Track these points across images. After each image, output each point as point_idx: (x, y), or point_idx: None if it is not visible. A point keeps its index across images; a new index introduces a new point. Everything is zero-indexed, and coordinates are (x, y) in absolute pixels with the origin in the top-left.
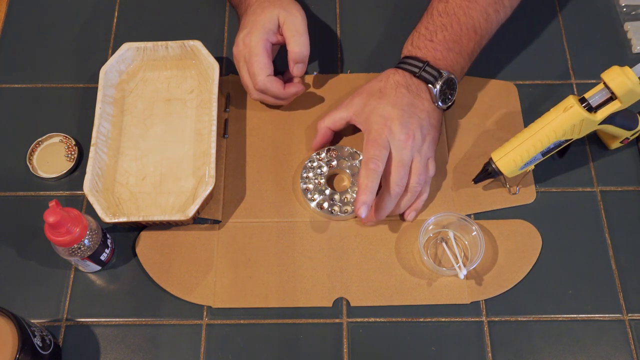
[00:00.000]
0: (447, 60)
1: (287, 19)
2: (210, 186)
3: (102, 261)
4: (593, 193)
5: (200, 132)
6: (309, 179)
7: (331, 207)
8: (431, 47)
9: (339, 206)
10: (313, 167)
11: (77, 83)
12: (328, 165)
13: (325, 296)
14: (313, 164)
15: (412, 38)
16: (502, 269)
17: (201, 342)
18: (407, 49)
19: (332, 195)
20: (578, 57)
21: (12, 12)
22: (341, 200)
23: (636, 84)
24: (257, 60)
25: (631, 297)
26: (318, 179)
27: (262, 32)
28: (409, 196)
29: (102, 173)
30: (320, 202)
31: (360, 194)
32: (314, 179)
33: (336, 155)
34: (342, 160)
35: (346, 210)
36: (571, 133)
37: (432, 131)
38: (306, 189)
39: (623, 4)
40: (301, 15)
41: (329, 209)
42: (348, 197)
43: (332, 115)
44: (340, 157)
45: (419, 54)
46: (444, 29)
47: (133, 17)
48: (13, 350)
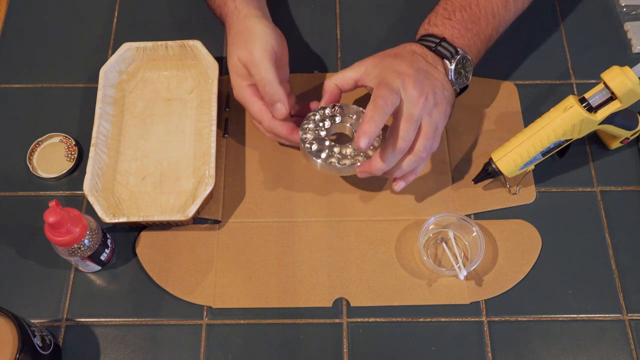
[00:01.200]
0: (464, 39)
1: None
2: (210, 186)
3: (102, 261)
4: (593, 193)
5: (200, 132)
6: (309, 130)
7: (328, 158)
8: (449, 25)
9: (337, 158)
10: (315, 120)
11: (77, 83)
12: (331, 120)
13: (325, 296)
14: (315, 117)
15: (429, 18)
16: (502, 269)
17: (201, 342)
18: (423, 28)
19: (332, 147)
20: (578, 57)
21: (12, 12)
22: (340, 153)
23: (636, 84)
24: (263, 67)
25: (631, 297)
26: (319, 130)
27: (263, 42)
28: (411, 158)
29: (102, 173)
30: (317, 152)
31: (364, 123)
32: (314, 130)
33: (341, 112)
34: (347, 117)
35: (345, 163)
36: (571, 133)
37: (444, 103)
38: (305, 139)
39: (623, 4)
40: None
41: (327, 159)
42: (348, 151)
43: (341, 74)
44: (346, 114)
45: (436, 31)
46: (463, 9)
47: (133, 17)
48: (13, 350)
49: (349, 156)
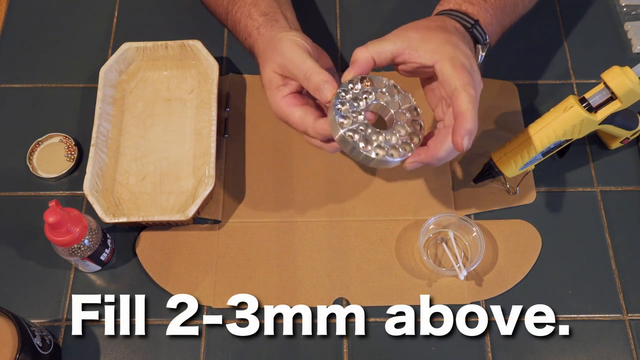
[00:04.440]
0: (492, 27)
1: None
2: (210, 186)
3: (102, 261)
4: (593, 193)
5: (200, 132)
6: (345, 113)
7: (377, 151)
8: (483, 7)
9: (385, 149)
10: (347, 100)
11: (77, 83)
12: (366, 99)
13: (325, 296)
14: (347, 95)
15: None
16: (502, 269)
17: (201, 342)
18: (455, 1)
19: (378, 136)
20: (578, 57)
21: (12, 12)
22: (388, 142)
23: (636, 84)
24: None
25: (631, 297)
26: (356, 114)
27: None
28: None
29: (102, 173)
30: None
31: (467, 120)
32: (351, 113)
33: (372, 86)
34: (379, 93)
35: (392, 154)
36: (571, 133)
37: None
38: (343, 126)
39: (623, 4)
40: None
41: (376, 152)
42: (393, 139)
43: (378, 44)
44: (377, 89)
45: (471, 11)
46: None
47: (133, 17)
48: (13, 350)
49: (396, 145)
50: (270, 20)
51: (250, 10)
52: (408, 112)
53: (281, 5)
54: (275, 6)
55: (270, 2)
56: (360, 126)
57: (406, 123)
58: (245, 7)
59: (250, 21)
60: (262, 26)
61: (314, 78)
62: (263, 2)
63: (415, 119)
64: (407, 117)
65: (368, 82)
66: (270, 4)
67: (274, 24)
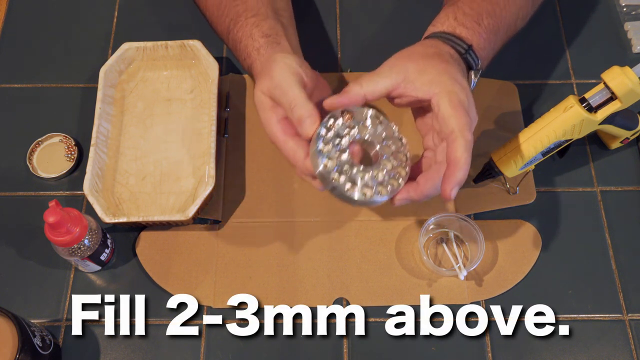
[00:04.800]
0: (484, 52)
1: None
2: (210, 186)
3: (102, 261)
4: (593, 193)
5: (200, 132)
6: (327, 154)
7: (364, 191)
8: (477, 31)
9: (371, 187)
10: (329, 138)
11: (77, 83)
12: (348, 134)
13: (325, 296)
14: (329, 134)
15: (454, 12)
16: (502, 269)
17: (201, 342)
18: (449, 23)
19: (364, 174)
20: (578, 57)
21: (12, 12)
22: (375, 179)
23: (636, 84)
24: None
25: (631, 297)
26: (340, 153)
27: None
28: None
29: (102, 173)
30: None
31: (460, 169)
32: (334, 152)
33: (353, 119)
34: (362, 127)
35: (380, 191)
36: (571, 133)
37: None
38: (325, 166)
39: (623, 4)
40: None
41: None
42: (380, 175)
43: (372, 82)
44: (358, 121)
45: (465, 35)
46: (489, 15)
47: (133, 17)
48: (13, 350)
49: (384, 182)
50: (272, 43)
51: (252, 31)
52: (392, 143)
53: (285, 28)
54: (278, 28)
55: (274, 24)
56: (345, 165)
57: (392, 156)
58: (247, 27)
59: (251, 41)
60: (262, 47)
61: (297, 110)
62: (266, 24)
63: (400, 149)
64: (392, 149)
65: (349, 115)
66: (273, 26)
67: (275, 46)
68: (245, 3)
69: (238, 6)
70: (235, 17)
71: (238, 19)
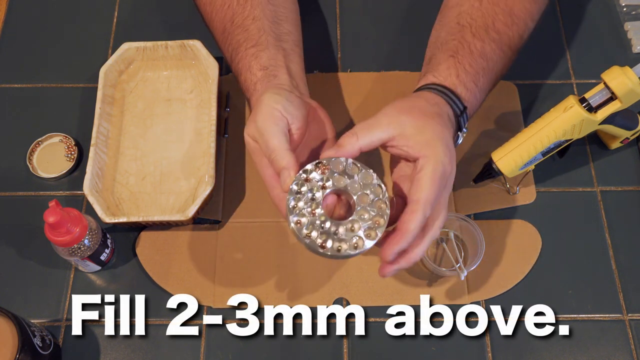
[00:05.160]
0: (473, 112)
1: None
2: (210, 186)
3: (102, 261)
4: (593, 193)
5: (200, 132)
6: (299, 211)
7: (337, 245)
8: (473, 92)
9: (347, 243)
10: (303, 193)
11: (77, 83)
12: (322, 187)
13: (325, 296)
14: (302, 188)
15: (456, 68)
16: (502, 269)
17: (201, 342)
18: (451, 80)
19: (336, 229)
20: (578, 57)
21: (12, 12)
22: (350, 231)
23: (636, 84)
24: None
25: (631, 297)
26: (312, 207)
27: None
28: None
29: (102, 173)
30: (320, 242)
31: (404, 239)
32: (306, 208)
33: (329, 171)
34: (338, 177)
35: (357, 245)
36: (571, 133)
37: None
38: (297, 223)
39: (623, 4)
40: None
41: (335, 248)
42: (355, 227)
43: (368, 134)
44: (335, 172)
45: (464, 95)
46: (484, 74)
47: (133, 17)
48: (13, 350)
49: (361, 234)
50: (268, 76)
51: (251, 63)
52: (371, 192)
53: (287, 55)
54: (278, 57)
55: (273, 53)
56: (317, 220)
57: (369, 205)
58: (246, 58)
59: (249, 75)
60: (259, 82)
61: (276, 161)
62: (265, 55)
63: (379, 196)
64: (370, 198)
65: (324, 167)
66: (273, 55)
67: (271, 79)
68: (247, 31)
69: (239, 35)
70: (237, 46)
71: (239, 49)
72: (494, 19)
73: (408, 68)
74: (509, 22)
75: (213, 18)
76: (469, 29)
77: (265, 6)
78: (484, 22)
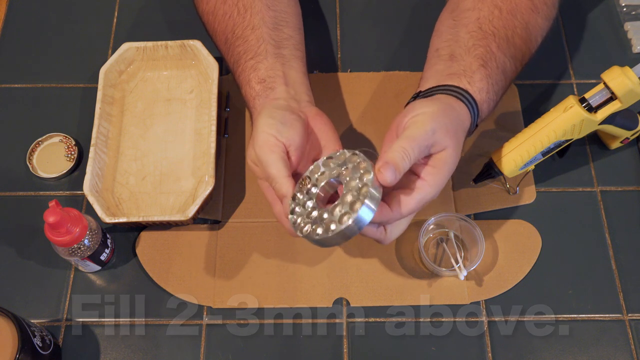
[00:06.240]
0: (481, 120)
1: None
2: (210, 186)
3: (102, 261)
4: (593, 193)
5: (200, 132)
6: (299, 216)
7: (327, 226)
8: (488, 100)
9: (335, 222)
10: (302, 201)
11: (77, 83)
12: (314, 185)
13: (325, 296)
14: (300, 197)
15: (487, 83)
16: (502, 269)
17: (201, 342)
18: (481, 97)
19: (322, 214)
20: (578, 57)
21: (12, 12)
22: (333, 214)
23: (636, 84)
24: (264, 162)
25: (631, 297)
26: (309, 209)
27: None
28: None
29: (102, 173)
30: (311, 231)
31: (398, 213)
32: (305, 213)
33: (322, 175)
34: (331, 170)
35: (350, 217)
36: (571, 133)
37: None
38: (296, 225)
39: (623, 4)
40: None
41: (325, 231)
42: (349, 197)
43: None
44: (332, 167)
45: (485, 112)
46: (501, 92)
47: (133, 17)
48: (13, 350)
49: (353, 206)
50: (266, 89)
51: (250, 77)
52: (355, 167)
53: (286, 61)
54: (276, 67)
55: (272, 63)
56: (311, 214)
57: (356, 179)
58: (246, 71)
59: (248, 89)
60: (257, 96)
61: (276, 190)
62: (264, 65)
63: (365, 168)
64: (359, 172)
65: (321, 191)
66: (271, 65)
67: (269, 93)
68: (246, 42)
69: (239, 46)
70: (237, 58)
71: (239, 61)
72: (513, 32)
73: (408, 68)
74: (525, 37)
75: (216, 29)
76: (492, 39)
77: (266, 13)
78: (505, 33)
